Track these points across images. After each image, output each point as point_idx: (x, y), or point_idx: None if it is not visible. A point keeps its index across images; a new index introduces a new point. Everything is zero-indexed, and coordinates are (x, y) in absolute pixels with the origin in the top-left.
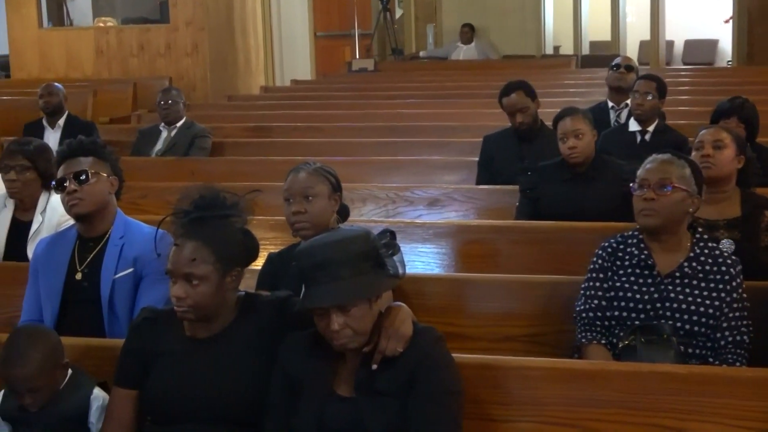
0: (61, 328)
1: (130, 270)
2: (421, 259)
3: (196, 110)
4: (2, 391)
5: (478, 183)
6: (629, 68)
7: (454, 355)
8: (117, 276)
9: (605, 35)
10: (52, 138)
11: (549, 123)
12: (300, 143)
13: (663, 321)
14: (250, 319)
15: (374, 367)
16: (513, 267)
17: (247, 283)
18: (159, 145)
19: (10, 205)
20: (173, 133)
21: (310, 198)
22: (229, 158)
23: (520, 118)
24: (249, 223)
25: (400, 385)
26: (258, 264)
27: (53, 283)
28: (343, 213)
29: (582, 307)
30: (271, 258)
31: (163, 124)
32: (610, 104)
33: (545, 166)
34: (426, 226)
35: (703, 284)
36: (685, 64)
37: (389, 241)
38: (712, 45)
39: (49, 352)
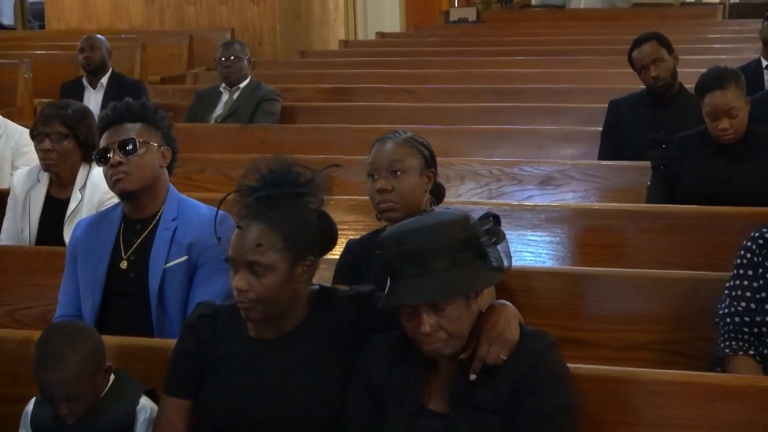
0: (102, 325)
1: (184, 258)
2: (531, 249)
3: (263, 68)
4: (34, 398)
5: (600, 158)
6: None
7: (569, 364)
8: (168, 265)
9: None
10: (93, 100)
11: (689, 87)
12: (387, 108)
13: None
14: (325, 317)
15: (472, 377)
16: (642, 260)
17: (322, 275)
18: (219, 110)
19: (45, 179)
20: (236, 95)
21: (399, 173)
22: (301, 126)
23: (654, 72)
24: (326, 204)
25: (503, 400)
26: (336, 252)
27: (94, 272)
28: (438, 193)
29: (726, 311)
30: (350, 246)
31: (223, 84)
32: (765, 63)
33: (684, 137)
34: (537, 209)
35: None
36: None
37: (492, 227)
38: None
39: (88, 353)
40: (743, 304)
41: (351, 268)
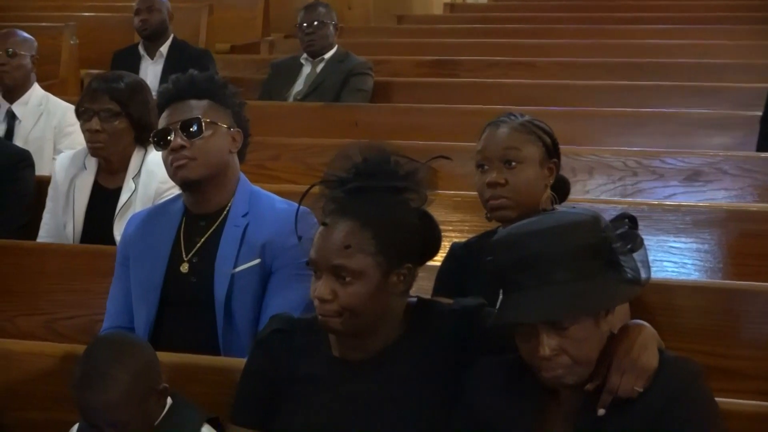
0: (158, 339)
1: (257, 261)
2: (673, 259)
3: (352, 36)
4: (77, 425)
5: (759, 149)
6: None
7: (717, 398)
8: (238, 269)
9: None
10: (151, 72)
11: None
12: (500, 86)
13: None
14: (423, 336)
15: (601, 412)
16: None
17: (421, 286)
18: (299, 85)
19: (92, 166)
20: (320, 67)
21: (514, 164)
22: (397, 105)
23: None
24: (429, 202)
25: None
26: (437, 259)
27: (149, 276)
28: (561, 188)
29: None
30: (455, 251)
31: (305, 55)
32: None
33: None
34: (682, 209)
35: None
36: None
37: (627, 230)
38: None
39: (139, 372)
40: None
41: (455, 278)
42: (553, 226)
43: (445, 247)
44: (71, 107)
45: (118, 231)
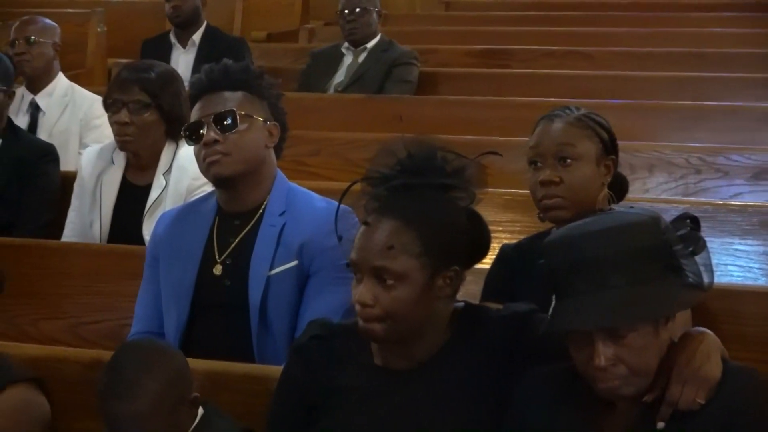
0: (189, 345)
1: (294, 263)
2: (739, 262)
3: (396, 24)
4: None
5: None
6: None
7: None
8: (274, 271)
9: None
10: (183, 61)
11: None
12: (554, 77)
13: None
14: (471, 343)
15: (660, 425)
16: None
17: (469, 290)
18: (340, 76)
19: (120, 161)
20: (362, 57)
21: (569, 161)
22: (444, 98)
23: None
24: (478, 201)
25: None
26: (486, 261)
27: (180, 279)
28: (619, 187)
29: None
30: (505, 253)
31: (346, 44)
32: None
33: None
34: (748, 210)
35: None
36: None
37: (689, 232)
38: None
39: (169, 381)
40: None
41: (505, 282)
42: (610, 227)
43: (495, 248)
44: (98, 98)
45: (148, 230)
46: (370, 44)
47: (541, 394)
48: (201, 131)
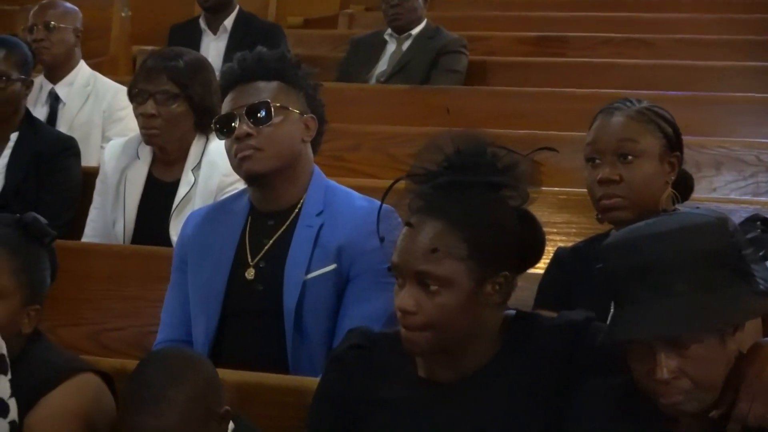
0: (219, 355)
1: (332, 266)
2: None
3: (443, 8)
4: None
5: None
6: None
7: None
8: (310, 276)
9: None
10: (213, 49)
11: None
12: (613, 66)
13: None
14: (523, 354)
15: None
16: None
17: (520, 297)
18: (383, 65)
19: (146, 155)
20: (406, 45)
21: (630, 158)
22: (495, 89)
23: None
24: (531, 201)
25: None
26: (540, 266)
27: (210, 283)
28: (684, 186)
29: None
30: (560, 256)
31: (389, 30)
32: None
33: None
34: None
35: None
36: None
37: (760, 234)
38: None
39: (199, 393)
40: None
41: (560, 288)
42: (674, 229)
43: (549, 252)
44: (123, 88)
45: (175, 230)
46: (415, 31)
47: (599, 409)
48: (233, 124)
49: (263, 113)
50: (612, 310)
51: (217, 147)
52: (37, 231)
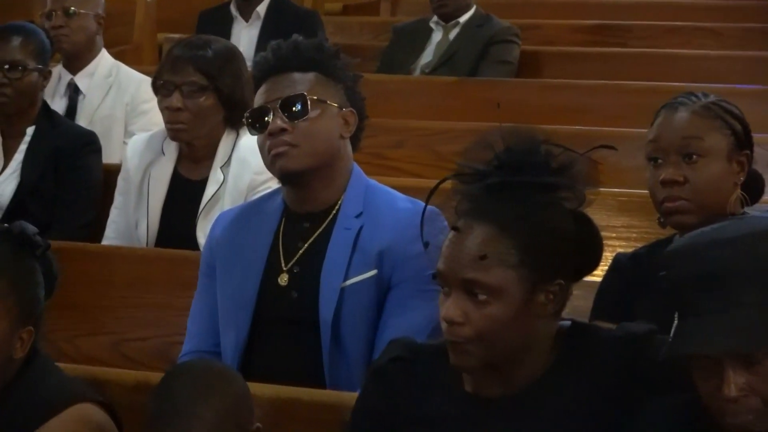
0: (250, 367)
1: (373, 272)
2: None
3: None
4: None
5: None
6: None
7: None
8: (349, 282)
9: None
10: (245, 37)
11: None
12: (679, 57)
13: None
14: (579, 368)
15: None
16: None
17: (576, 306)
18: (428, 55)
19: (171, 151)
20: (453, 34)
21: (695, 157)
22: (549, 81)
23: None
24: (588, 203)
25: None
26: (597, 274)
27: (240, 289)
28: (754, 188)
29: None
30: (619, 263)
31: (435, 17)
32: None
33: None
34: None
35: None
36: None
37: None
38: None
39: (229, 409)
40: None
41: (619, 297)
42: (743, 235)
43: (607, 258)
44: (147, 79)
45: (202, 232)
46: (463, 18)
47: (662, 428)
48: (266, 118)
49: (299, 107)
50: (676, 322)
51: (248, 143)
52: (26, 242)
